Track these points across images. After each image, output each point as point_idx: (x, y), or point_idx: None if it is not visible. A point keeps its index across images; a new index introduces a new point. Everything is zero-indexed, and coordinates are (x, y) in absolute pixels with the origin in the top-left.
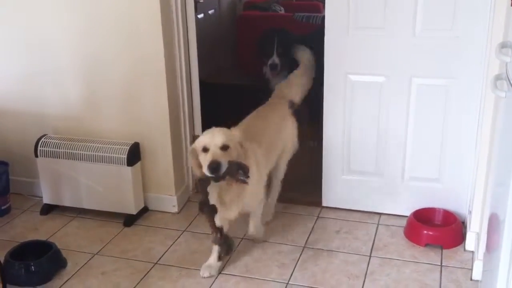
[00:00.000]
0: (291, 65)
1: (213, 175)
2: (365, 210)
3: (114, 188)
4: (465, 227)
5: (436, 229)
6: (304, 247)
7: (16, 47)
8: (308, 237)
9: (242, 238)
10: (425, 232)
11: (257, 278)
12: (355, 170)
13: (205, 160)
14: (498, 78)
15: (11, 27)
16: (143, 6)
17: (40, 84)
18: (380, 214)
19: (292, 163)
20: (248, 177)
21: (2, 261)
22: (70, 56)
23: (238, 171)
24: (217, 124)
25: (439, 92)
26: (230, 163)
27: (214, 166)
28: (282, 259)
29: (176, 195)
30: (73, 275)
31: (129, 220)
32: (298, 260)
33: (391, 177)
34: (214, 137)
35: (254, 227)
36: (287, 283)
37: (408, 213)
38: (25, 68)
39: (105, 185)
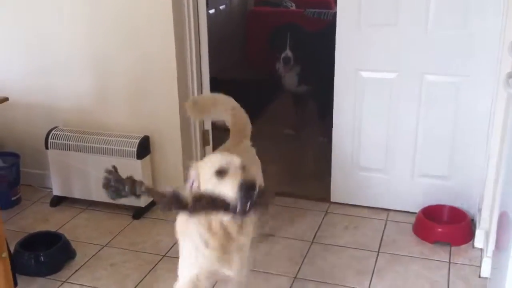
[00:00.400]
0: (303, 60)
1: (246, 200)
2: (374, 206)
3: None
4: (474, 225)
5: (445, 226)
6: (312, 242)
7: (26, 43)
8: (316, 232)
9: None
10: (434, 229)
11: (265, 272)
12: (365, 166)
13: (221, 185)
14: (510, 76)
15: (19, 25)
16: (155, 0)
17: (51, 77)
18: (388, 210)
19: (301, 159)
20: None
21: (12, 251)
22: (81, 50)
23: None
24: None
25: (450, 90)
26: (260, 188)
27: (251, 183)
28: (290, 253)
29: None
30: (82, 266)
31: (138, 213)
32: (306, 255)
33: (401, 173)
34: (232, 157)
35: None
36: (295, 278)
37: (417, 210)
38: (36, 62)
39: None
